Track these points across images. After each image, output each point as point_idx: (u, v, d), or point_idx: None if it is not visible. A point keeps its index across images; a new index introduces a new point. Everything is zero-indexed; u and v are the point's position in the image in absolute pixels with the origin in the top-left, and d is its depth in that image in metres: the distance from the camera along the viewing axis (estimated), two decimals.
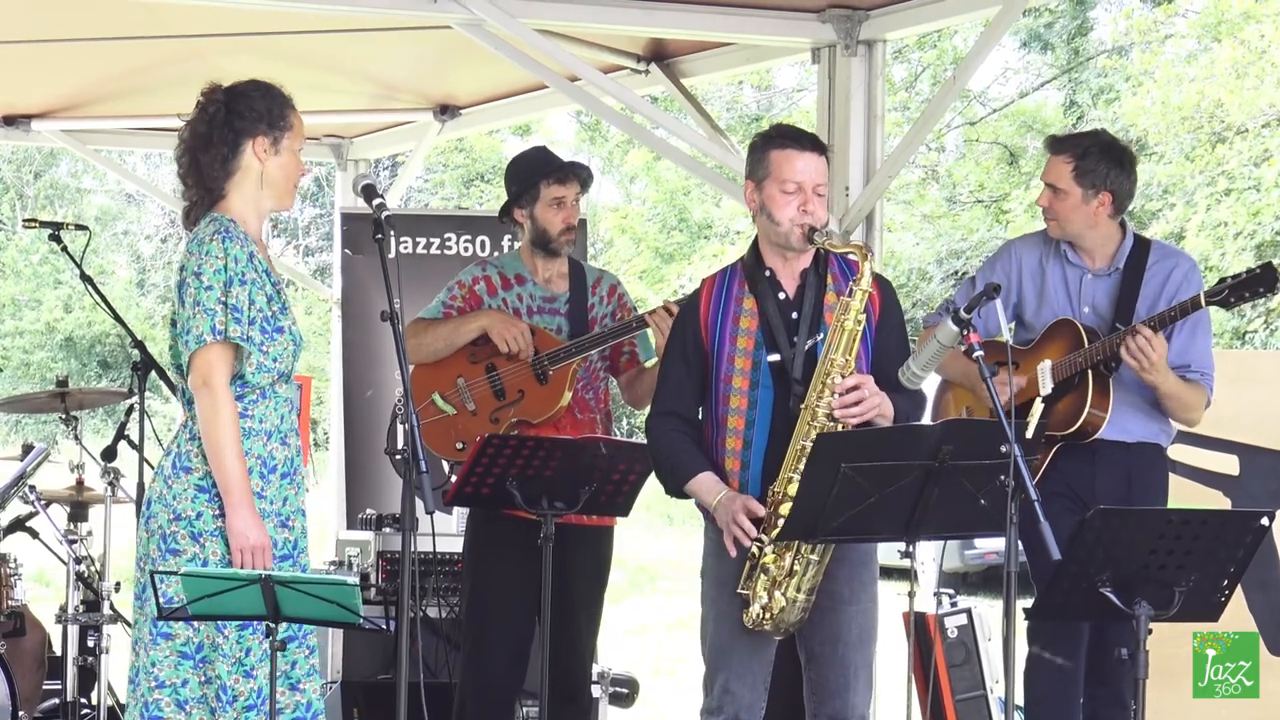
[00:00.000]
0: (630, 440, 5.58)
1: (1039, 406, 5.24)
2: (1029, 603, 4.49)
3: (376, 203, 4.59)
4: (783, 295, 4.88)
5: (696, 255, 24.01)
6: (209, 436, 4.57)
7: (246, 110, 4.69)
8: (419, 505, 4.43)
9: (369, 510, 7.59)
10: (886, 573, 6.22)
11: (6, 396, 10.55)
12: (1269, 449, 6.67)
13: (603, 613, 5.99)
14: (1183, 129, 18.87)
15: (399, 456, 4.45)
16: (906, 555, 4.62)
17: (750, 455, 4.81)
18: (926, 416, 5.27)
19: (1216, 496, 6.60)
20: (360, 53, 8.10)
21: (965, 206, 22.80)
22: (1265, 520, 4.23)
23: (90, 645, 6.85)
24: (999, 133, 23.09)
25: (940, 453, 4.41)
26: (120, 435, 6.93)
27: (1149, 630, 4.22)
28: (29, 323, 29.07)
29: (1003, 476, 4.26)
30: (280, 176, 4.75)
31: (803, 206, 4.80)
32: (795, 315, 4.85)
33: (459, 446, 5.86)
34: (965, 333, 4.47)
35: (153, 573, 4.42)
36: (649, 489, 5.39)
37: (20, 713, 6.65)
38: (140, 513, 4.90)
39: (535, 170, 5.95)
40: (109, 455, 6.84)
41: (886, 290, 4.94)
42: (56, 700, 7.03)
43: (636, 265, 24.75)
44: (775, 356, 4.81)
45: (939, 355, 4.68)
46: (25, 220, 8.04)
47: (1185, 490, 6.40)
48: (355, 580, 4.36)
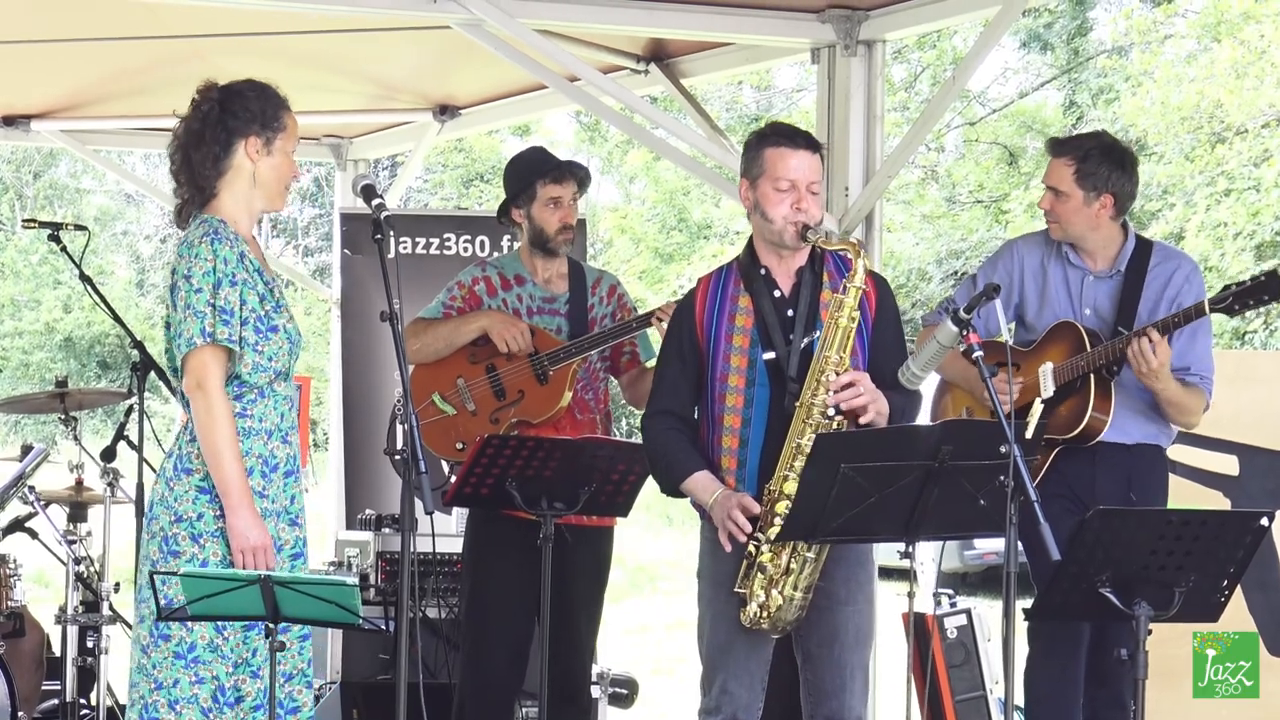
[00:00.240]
0: (630, 440, 5.57)
1: (1038, 407, 5.22)
2: (1028, 603, 4.48)
3: (376, 203, 4.58)
4: (778, 293, 4.87)
5: (696, 255, 23.98)
6: (205, 439, 4.57)
7: (240, 110, 4.68)
8: (418, 505, 4.43)
9: (368, 510, 7.59)
10: (886, 573, 6.22)
11: (6, 397, 10.53)
12: (1269, 449, 6.67)
13: (602, 613, 6.00)
14: (1182, 129, 18.86)
15: (398, 457, 4.44)
16: (906, 556, 4.62)
17: (746, 453, 4.81)
18: (926, 417, 5.27)
19: (1216, 497, 6.60)
20: (360, 53, 8.10)
21: (965, 207, 22.79)
22: (1265, 520, 4.23)
23: (89, 646, 6.84)
24: (999, 133, 23.09)
25: (940, 453, 4.40)
26: (120, 436, 6.92)
27: (1149, 630, 4.21)
28: (28, 323, 29.06)
29: (1002, 477, 4.25)
30: (272, 178, 4.74)
31: (797, 204, 4.79)
32: (791, 313, 4.84)
33: (459, 447, 5.86)
34: (965, 333, 4.46)
35: (152, 574, 4.41)
36: (648, 489, 5.38)
37: (19, 713, 6.64)
38: (140, 513, 4.90)
39: (532, 170, 5.95)
40: (108, 456, 6.82)
41: (882, 287, 4.93)
42: (56, 701, 7.02)
43: (636, 265, 24.73)
44: (771, 355, 4.81)
45: (939, 356, 4.68)
46: (24, 220, 8.02)
47: (1185, 491, 6.39)
48: (354, 580, 4.36)
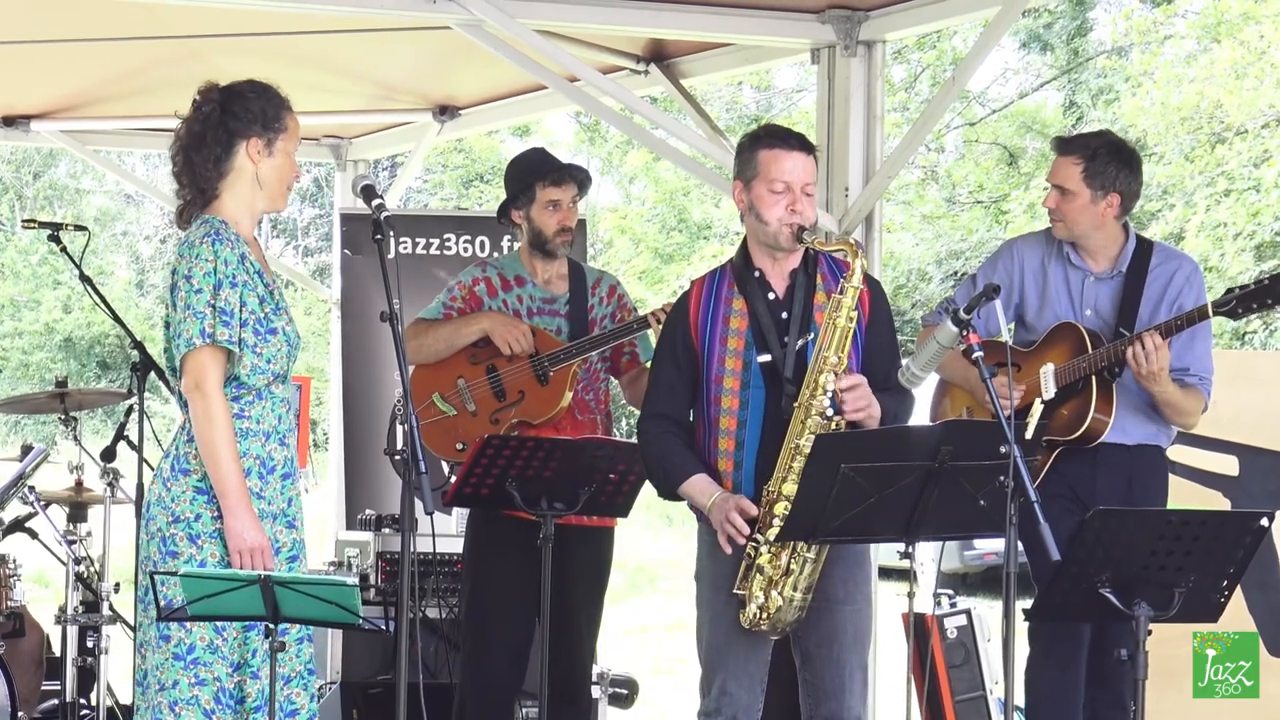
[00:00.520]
0: (629, 441, 5.57)
1: (1038, 407, 5.22)
2: (1028, 604, 4.48)
3: (376, 203, 4.58)
4: (772, 295, 4.87)
5: (696, 256, 23.96)
6: (203, 439, 4.57)
7: (241, 111, 4.68)
8: (418, 506, 4.43)
9: (368, 511, 7.59)
10: (886, 573, 6.23)
11: (6, 397, 10.53)
12: (1268, 449, 6.67)
13: (603, 614, 5.99)
14: (1182, 129, 18.85)
15: (398, 457, 4.44)
16: (906, 556, 4.62)
17: (743, 455, 4.80)
18: (925, 417, 5.26)
19: (1216, 497, 6.60)
20: (360, 53, 8.10)
21: (965, 207, 22.78)
22: (1265, 521, 4.23)
23: (89, 646, 6.84)
24: (998, 133, 23.07)
25: (940, 453, 4.40)
26: (119, 436, 6.92)
27: (1149, 631, 4.22)
28: (28, 323, 29.03)
29: (1002, 477, 4.25)
30: (274, 178, 4.74)
31: (791, 206, 4.79)
32: (785, 315, 4.84)
33: (459, 447, 5.86)
34: (965, 333, 4.46)
35: (152, 574, 4.42)
36: (648, 489, 5.38)
37: (19, 713, 6.64)
38: (140, 514, 4.89)
39: (531, 172, 5.95)
40: (108, 456, 6.82)
41: (875, 289, 4.93)
42: (55, 701, 7.02)
43: (636, 266, 24.71)
44: (766, 357, 4.80)
45: (938, 356, 4.68)
46: (24, 221, 8.00)
47: (1185, 491, 6.39)
48: (354, 581, 4.36)
